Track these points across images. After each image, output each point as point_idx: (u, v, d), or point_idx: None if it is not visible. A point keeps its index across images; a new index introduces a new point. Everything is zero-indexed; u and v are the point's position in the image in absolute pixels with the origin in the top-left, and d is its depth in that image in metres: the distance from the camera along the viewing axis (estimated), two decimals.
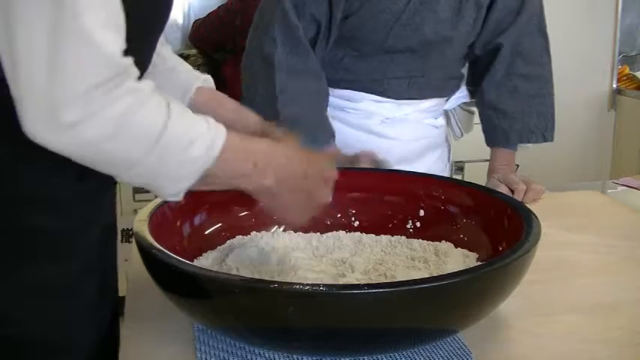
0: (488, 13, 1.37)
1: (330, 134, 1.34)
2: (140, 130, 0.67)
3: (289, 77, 1.30)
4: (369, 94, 1.39)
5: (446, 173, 1.54)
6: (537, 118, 1.39)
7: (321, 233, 1.03)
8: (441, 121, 1.49)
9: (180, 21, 3.06)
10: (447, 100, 1.48)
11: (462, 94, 1.50)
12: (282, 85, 1.30)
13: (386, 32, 1.31)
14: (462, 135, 1.55)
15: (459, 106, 1.53)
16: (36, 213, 0.76)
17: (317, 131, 1.32)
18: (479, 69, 1.44)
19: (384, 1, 1.28)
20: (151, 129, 0.67)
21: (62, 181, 0.77)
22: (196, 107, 0.97)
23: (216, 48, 2.86)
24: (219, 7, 2.85)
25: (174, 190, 0.73)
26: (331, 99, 1.40)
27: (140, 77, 0.84)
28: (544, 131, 1.40)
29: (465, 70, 1.49)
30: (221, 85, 3.11)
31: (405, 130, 1.42)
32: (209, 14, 2.87)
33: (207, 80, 1.02)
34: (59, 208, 0.78)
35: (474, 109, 1.53)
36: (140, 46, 0.81)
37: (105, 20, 0.64)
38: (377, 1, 1.28)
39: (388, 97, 1.38)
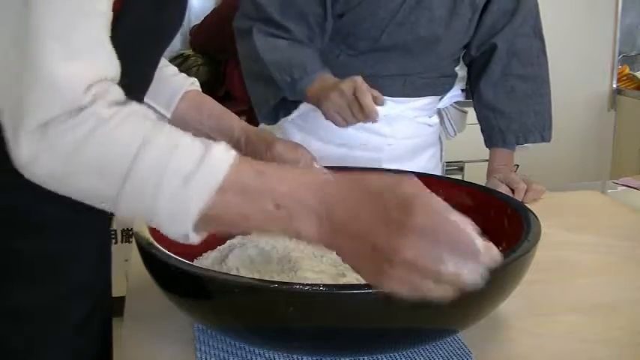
0: (483, 15, 1.38)
1: (320, 64, 1.29)
2: (102, 163, 0.59)
3: (268, 38, 1.30)
4: None
5: (438, 171, 1.55)
6: (535, 118, 1.40)
7: None
8: (435, 119, 1.51)
9: None
10: (441, 98, 1.49)
11: (455, 93, 1.51)
12: (260, 42, 1.29)
13: (381, 29, 1.31)
14: (455, 134, 1.56)
15: (452, 105, 1.54)
16: (18, 236, 0.72)
17: (305, 62, 1.27)
18: (476, 70, 1.45)
19: None
20: (119, 159, 0.59)
21: (52, 209, 0.71)
22: (178, 113, 0.94)
23: (219, 50, 2.86)
24: (212, 11, 2.85)
25: (176, 233, 0.62)
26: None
27: (144, 92, 0.80)
28: (542, 131, 1.41)
29: (458, 70, 1.50)
30: (221, 85, 3.10)
31: (399, 128, 1.43)
32: (204, 20, 2.87)
33: (194, 84, 0.98)
34: (44, 231, 0.74)
35: (467, 108, 1.55)
36: (146, 64, 0.78)
37: (72, 50, 0.59)
38: None
39: (384, 95, 1.39)
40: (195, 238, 0.63)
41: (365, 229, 0.58)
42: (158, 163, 0.59)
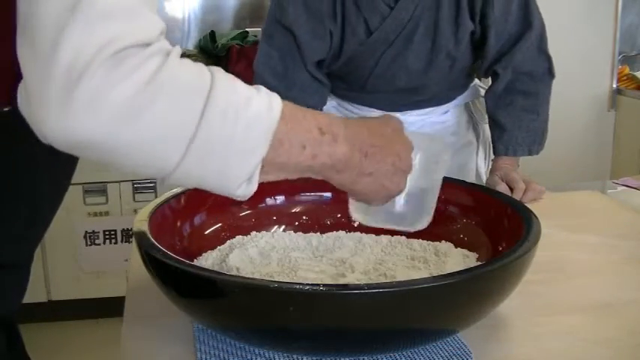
0: (484, 47, 1.38)
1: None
2: (178, 91, 0.58)
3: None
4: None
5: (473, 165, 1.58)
6: (526, 134, 1.42)
7: (321, 233, 1.03)
8: (448, 116, 1.53)
9: (180, 21, 3.05)
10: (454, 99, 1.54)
11: (471, 92, 1.55)
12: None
13: (364, 80, 1.41)
14: None
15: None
16: None
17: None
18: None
19: (357, 60, 1.37)
20: (197, 85, 0.60)
21: None
22: None
23: None
24: None
25: (247, 170, 0.63)
26: (331, 101, 1.52)
27: None
28: (530, 145, 1.42)
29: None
30: None
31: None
32: None
33: None
34: None
35: None
36: None
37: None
38: (350, 60, 1.38)
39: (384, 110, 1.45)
40: (255, 183, 0.65)
41: (383, 144, 0.75)
42: (230, 91, 0.62)
